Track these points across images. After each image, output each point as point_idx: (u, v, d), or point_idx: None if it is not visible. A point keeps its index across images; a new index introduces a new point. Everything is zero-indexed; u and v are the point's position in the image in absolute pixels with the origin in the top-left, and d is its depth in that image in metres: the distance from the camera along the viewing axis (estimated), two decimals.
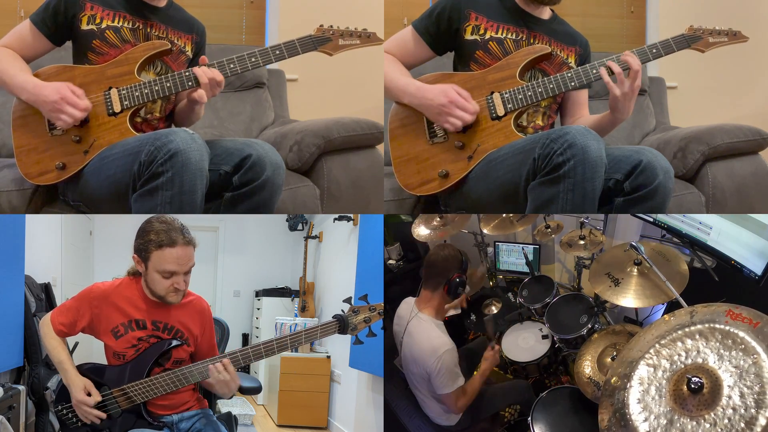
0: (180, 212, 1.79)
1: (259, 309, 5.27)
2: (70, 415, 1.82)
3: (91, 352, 2.19)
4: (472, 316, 2.86)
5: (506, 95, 2.03)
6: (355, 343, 1.84)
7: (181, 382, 1.79)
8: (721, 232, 2.05)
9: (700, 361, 1.31)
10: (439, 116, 2.02)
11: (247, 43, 3.58)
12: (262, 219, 5.32)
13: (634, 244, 2.03)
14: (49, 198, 2.17)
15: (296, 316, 4.83)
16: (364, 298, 1.86)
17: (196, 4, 3.43)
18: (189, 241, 1.78)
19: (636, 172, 1.84)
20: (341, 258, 4.13)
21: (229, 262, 5.53)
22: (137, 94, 1.99)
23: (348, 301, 1.86)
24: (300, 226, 5.10)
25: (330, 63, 2.15)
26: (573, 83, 2.02)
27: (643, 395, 1.34)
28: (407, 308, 2.26)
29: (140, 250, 1.78)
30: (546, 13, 2.16)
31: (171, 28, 2.16)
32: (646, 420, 1.30)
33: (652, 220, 2.32)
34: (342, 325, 1.83)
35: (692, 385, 1.27)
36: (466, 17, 2.10)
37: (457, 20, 2.10)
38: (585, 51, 2.22)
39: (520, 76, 2.04)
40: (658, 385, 1.33)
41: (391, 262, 3.38)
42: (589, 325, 2.28)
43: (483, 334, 2.86)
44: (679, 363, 1.34)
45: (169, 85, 1.99)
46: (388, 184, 2.34)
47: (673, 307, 1.96)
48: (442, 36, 2.13)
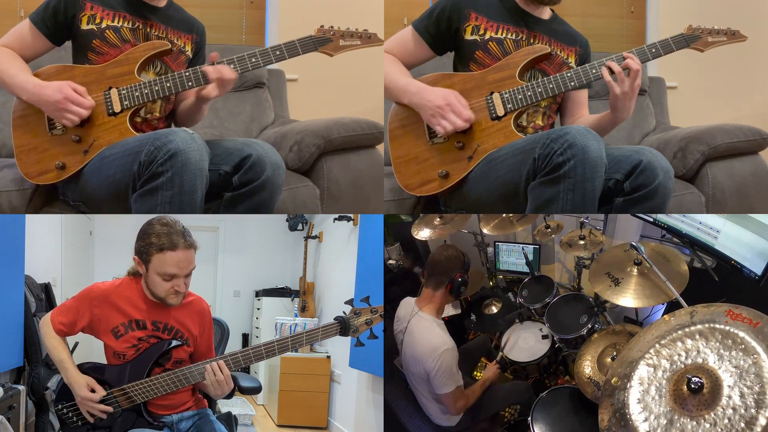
0: (180, 212, 1.79)
1: (259, 309, 5.27)
2: (70, 414, 1.82)
3: (91, 351, 2.19)
4: (472, 316, 2.86)
5: (506, 95, 2.03)
6: (356, 345, 1.84)
7: (181, 383, 1.79)
8: (721, 232, 2.05)
9: (700, 361, 1.31)
10: (433, 117, 2.02)
11: (247, 43, 3.58)
12: (262, 219, 5.32)
13: (634, 244, 2.03)
14: (49, 198, 2.17)
15: (296, 316, 4.83)
16: (366, 300, 1.86)
17: (196, 4, 3.43)
18: (190, 245, 1.77)
19: (636, 172, 1.85)
20: (341, 258, 4.13)
21: (229, 262, 5.53)
22: (137, 94, 1.99)
23: (349, 302, 1.86)
24: (300, 226, 5.10)
25: (330, 63, 2.15)
26: (573, 83, 2.02)
27: (643, 395, 1.34)
28: (407, 308, 2.26)
29: (141, 252, 1.77)
30: (546, 13, 2.16)
31: (171, 28, 2.16)
32: (646, 420, 1.30)
33: (652, 220, 2.32)
34: (343, 327, 1.82)
35: (692, 385, 1.27)
36: (466, 17, 2.10)
37: (457, 20, 2.10)
38: (585, 51, 2.22)
39: (520, 76, 2.04)
40: (658, 385, 1.33)
41: (391, 262, 3.38)
42: (589, 325, 2.28)
43: (483, 334, 2.86)
44: (679, 363, 1.34)
45: (169, 85, 1.99)
46: (388, 184, 2.34)
47: (673, 307, 1.96)
48: (442, 36, 2.13)
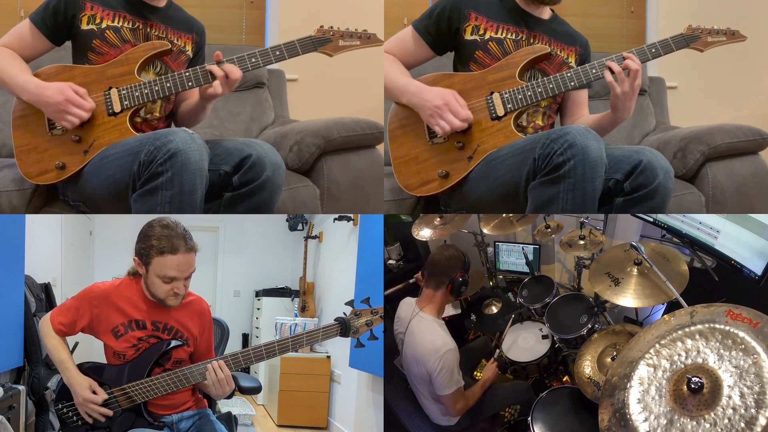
0: (180, 212, 1.79)
1: (259, 309, 5.27)
2: (70, 414, 1.82)
3: (91, 351, 2.19)
4: (472, 316, 2.86)
5: (506, 95, 2.03)
6: (356, 346, 1.84)
7: (181, 383, 1.79)
8: (721, 232, 2.05)
9: (700, 361, 1.31)
10: (431, 117, 2.02)
11: (247, 43, 3.58)
12: (262, 219, 5.32)
13: (634, 244, 2.03)
14: (49, 198, 2.17)
15: (296, 316, 4.83)
16: (366, 301, 1.86)
17: (196, 4, 3.43)
18: (191, 248, 1.77)
19: (636, 172, 1.85)
20: (341, 258, 4.13)
21: (229, 262, 5.53)
22: (137, 94, 1.99)
23: (350, 303, 1.86)
24: (300, 226, 5.10)
25: (330, 63, 2.15)
26: (573, 83, 2.02)
27: (643, 395, 1.34)
28: (408, 308, 2.26)
29: (141, 254, 1.77)
30: (546, 13, 2.16)
31: (171, 28, 2.16)
32: (646, 420, 1.30)
33: (652, 220, 2.32)
34: (344, 328, 1.83)
35: (692, 385, 1.27)
36: (466, 17, 2.10)
37: (457, 20, 2.10)
38: (585, 51, 2.22)
39: (520, 76, 2.04)
40: (658, 385, 1.33)
41: (391, 262, 3.38)
42: (589, 325, 2.28)
43: (483, 334, 2.86)
44: (679, 363, 1.34)
45: (169, 85, 1.99)
46: (388, 184, 2.34)
47: (673, 307, 1.96)
48: (442, 36, 2.13)
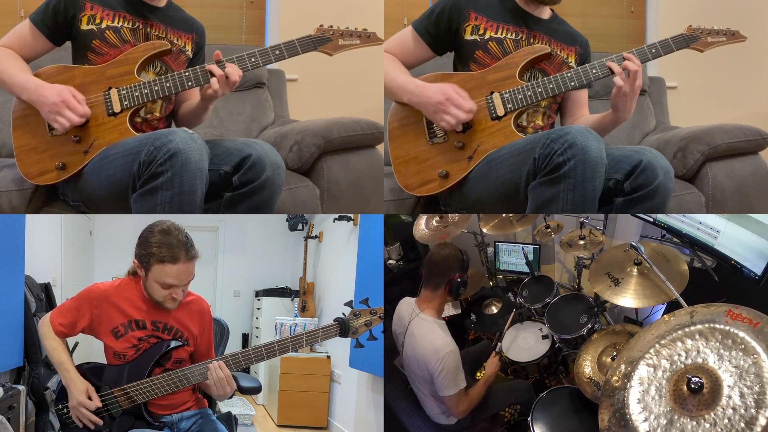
0: (180, 212, 1.79)
1: (259, 309, 5.27)
2: (70, 415, 1.81)
3: (91, 351, 2.19)
4: (472, 316, 2.86)
5: (506, 95, 2.03)
6: (356, 347, 1.84)
7: (181, 383, 1.79)
8: (722, 232, 2.05)
9: (700, 361, 1.31)
10: (436, 114, 2.02)
11: (247, 43, 3.58)
12: (262, 219, 5.32)
13: (634, 244, 2.03)
14: (49, 198, 2.17)
15: (296, 316, 4.83)
16: (365, 302, 1.86)
17: (196, 4, 3.43)
18: (192, 257, 1.76)
19: (636, 172, 1.85)
20: (341, 258, 4.13)
21: (229, 262, 5.53)
22: (137, 95, 1.99)
23: (349, 304, 1.86)
24: (300, 226, 5.10)
25: (330, 63, 2.15)
26: (573, 83, 2.02)
27: (643, 395, 1.34)
28: (407, 308, 2.25)
29: (141, 259, 1.77)
30: (546, 13, 2.16)
31: (171, 28, 2.16)
32: (646, 420, 1.30)
33: (652, 220, 2.31)
34: (343, 329, 1.83)
35: (692, 385, 1.27)
36: (466, 17, 2.10)
37: (457, 20, 2.10)
38: (585, 51, 2.22)
39: (520, 76, 2.04)
40: (658, 385, 1.33)
41: (391, 262, 3.38)
42: (589, 325, 2.28)
43: (483, 335, 2.86)
44: (679, 363, 1.34)
45: (169, 85, 1.99)
46: (388, 184, 2.34)
47: (673, 307, 1.96)
48: (442, 36, 2.13)
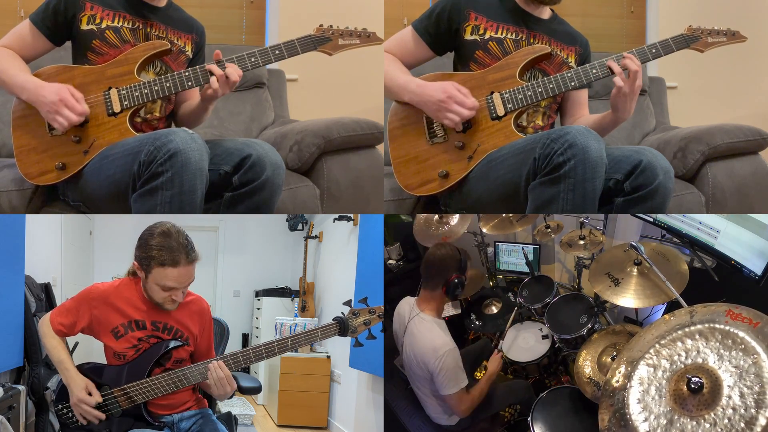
0: (180, 212, 1.79)
1: (259, 309, 5.27)
2: (70, 415, 1.81)
3: (91, 351, 2.19)
4: (472, 316, 2.86)
5: (506, 95, 2.03)
6: (355, 346, 1.84)
7: (181, 383, 1.79)
8: (722, 232, 2.05)
9: (700, 361, 1.31)
10: (438, 112, 2.02)
11: (247, 43, 3.58)
12: (262, 219, 5.32)
13: (634, 244, 2.03)
14: (49, 198, 2.17)
15: (296, 316, 4.83)
16: (364, 301, 1.86)
17: (196, 4, 3.43)
18: (192, 260, 1.76)
19: (636, 172, 1.85)
20: (341, 258, 4.13)
21: (229, 262, 5.53)
22: (137, 94, 1.99)
23: (348, 303, 1.86)
24: (300, 226, 5.10)
25: (330, 63, 2.15)
26: (573, 83, 2.02)
27: (643, 395, 1.34)
28: (407, 308, 2.25)
29: (141, 261, 1.77)
30: (546, 13, 2.16)
31: (171, 28, 2.16)
32: (646, 420, 1.30)
33: (652, 220, 2.31)
34: (342, 328, 1.83)
35: (692, 385, 1.27)
36: (466, 17, 2.10)
37: (457, 20, 2.10)
38: (585, 51, 2.22)
39: (520, 76, 2.04)
40: (658, 385, 1.33)
41: (391, 262, 3.38)
42: (589, 325, 2.28)
43: (483, 335, 2.86)
44: (679, 363, 1.34)
45: (169, 85, 1.99)
46: (388, 184, 2.34)
47: (673, 307, 1.96)
48: (442, 36, 2.13)
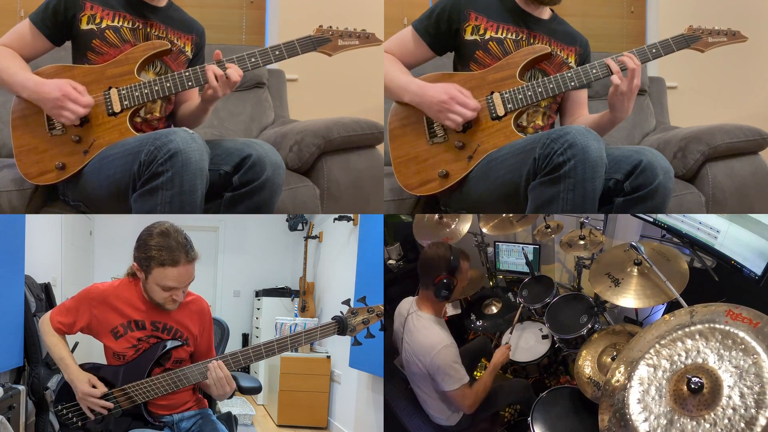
0: (180, 212, 1.79)
1: (259, 309, 5.27)
2: (70, 415, 1.82)
3: (91, 351, 2.19)
4: (472, 316, 2.86)
5: (506, 95, 2.03)
6: (354, 344, 1.85)
7: (181, 382, 1.79)
8: (722, 232, 2.05)
9: (700, 361, 1.31)
10: (440, 113, 2.02)
11: (247, 43, 3.58)
12: (262, 219, 5.32)
13: (634, 244, 2.03)
14: (49, 198, 2.17)
15: (296, 316, 4.83)
16: (363, 300, 1.87)
17: (196, 4, 3.43)
18: (192, 259, 1.76)
19: (636, 172, 1.85)
20: (341, 258, 4.13)
21: (229, 262, 5.53)
22: (137, 94, 1.99)
23: (347, 302, 1.86)
24: (300, 226, 5.10)
25: (330, 63, 2.15)
26: (573, 83, 2.02)
27: (643, 395, 1.34)
28: (406, 307, 2.26)
29: (141, 262, 1.77)
30: (546, 13, 2.16)
31: (171, 28, 2.16)
32: (646, 420, 1.30)
33: (652, 220, 2.31)
34: (341, 327, 1.83)
35: (692, 385, 1.27)
36: (466, 17, 2.10)
37: (457, 20, 2.10)
38: (585, 51, 2.22)
39: (520, 76, 2.04)
40: (658, 385, 1.33)
41: (391, 262, 3.38)
42: (589, 325, 2.28)
43: (483, 335, 2.86)
44: (679, 363, 1.34)
45: (169, 85, 1.99)
46: (388, 184, 2.34)
47: (673, 307, 1.96)
48: (442, 36, 2.13)
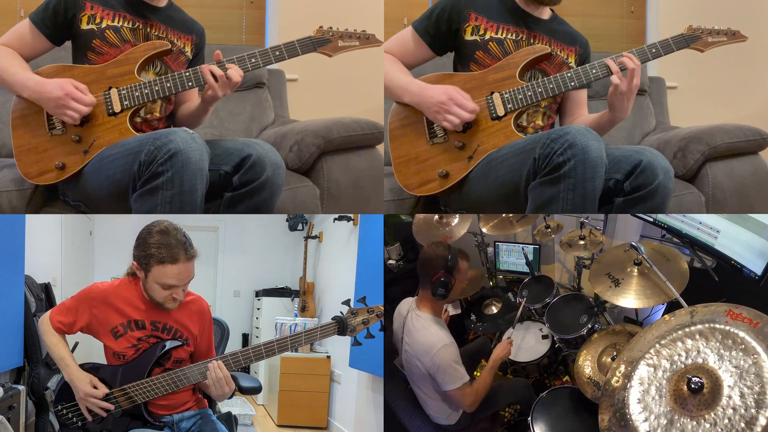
0: (180, 212, 1.79)
1: (259, 309, 5.27)
2: (69, 415, 1.82)
3: (91, 351, 2.19)
4: (472, 316, 2.86)
5: (506, 95, 2.03)
6: (353, 345, 1.85)
7: (181, 382, 1.79)
8: (722, 232, 2.05)
9: (700, 361, 1.31)
10: (438, 114, 2.02)
11: (247, 43, 3.58)
12: (262, 219, 5.32)
13: (634, 244, 2.03)
14: (49, 198, 2.17)
15: (296, 316, 4.83)
16: (363, 300, 1.87)
17: (196, 4, 3.43)
18: (191, 257, 1.77)
19: (636, 172, 1.85)
20: (341, 258, 4.13)
21: (229, 262, 5.53)
22: (137, 94, 1.99)
23: (347, 303, 1.86)
24: (300, 226, 5.10)
25: (330, 63, 2.15)
26: (573, 83, 2.02)
27: (643, 395, 1.34)
28: (406, 307, 2.26)
29: (140, 260, 1.77)
30: (546, 13, 2.16)
31: (171, 29, 2.16)
32: (646, 420, 1.30)
33: (652, 220, 2.32)
34: (341, 327, 1.83)
35: (692, 385, 1.27)
36: (466, 18, 2.10)
37: (457, 21, 2.10)
38: (585, 51, 2.22)
39: (520, 76, 2.04)
40: (658, 385, 1.33)
41: (391, 262, 3.38)
42: (589, 325, 2.28)
43: (483, 334, 2.86)
44: (679, 363, 1.34)
45: (169, 85, 1.99)
46: (388, 184, 2.34)
47: (673, 307, 1.96)
48: (442, 37, 2.13)
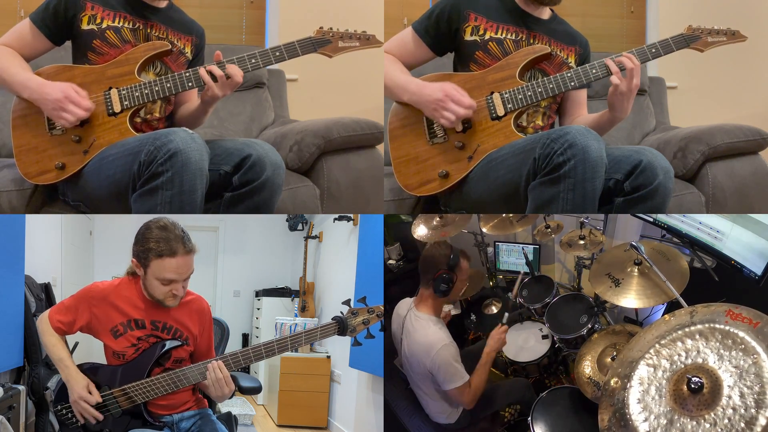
0: (180, 212, 1.79)
1: (259, 309, 5.27)
2: (69, 415, 1.81)
3: (91, 351, 2.19)
4: (472, 316, 2.86)
5: (506, 95, 2.03)
6: (354, 345, 1.85)
7: (181, 382, 1.79)
8: (722, 232, 2.05)
9: (700, 361, 1.31)
10: (435, 111, 2.02)
11: (247, 43, 3.58)
12: (262, 219, 5.32)
13: (634, 244, 2.03)
14: (49, 198, 2.17)
15: (296, 316, 4.83)
16: (363, 300, 1.87)
17: (196, 5, 3.43)
18: (189, 250, 1.77)
19: (636, 172, 1.85)
20: (341, 258, 4.13)
21: (229, 262, 5.53)
22: (137, 95, 1.99)
23: (347, 303, 1.86)
24: (300, 226, 5.10)
25: (330, 63, 2.15)
26: (573, 83, 2.02)
27: (643, 395, 1.34)
28: (405, 307, 2.26)
29: (139, 256, 1.77)
30: (546, 13, 2.16)
31: (171, 29, 2.16)
32: (646, 420, 1.30)
33: (652, 220, 2.32)
34: (341, 327, 1.83)
35: (692, 385, 1.27)
36: (466, 18, 2.10)
37: (457, 21, 2.10)
38: (585, 51, 2.22)
39: (520, 76, 2.04)
40: (658, 385, 1.33)
41: (391, 262, 3.38)
42: (589, 325, 2.28)
43: (483, 335, 2.86)
44: (679, 363, 1.34)
45: (169, 85, 1.99)
46: (388, 184, 2.34)
47: (673, 307, 1.96)
48: (442, 37, 2.13)
